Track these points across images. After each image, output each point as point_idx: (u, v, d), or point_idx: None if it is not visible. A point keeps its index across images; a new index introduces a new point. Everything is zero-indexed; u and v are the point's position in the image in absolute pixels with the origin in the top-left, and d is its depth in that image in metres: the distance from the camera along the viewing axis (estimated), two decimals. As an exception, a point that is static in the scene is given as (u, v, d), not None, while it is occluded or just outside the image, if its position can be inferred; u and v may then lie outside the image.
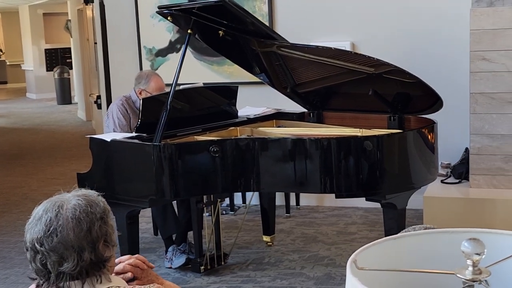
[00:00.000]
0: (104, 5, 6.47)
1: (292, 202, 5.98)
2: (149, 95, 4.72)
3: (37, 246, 1.69)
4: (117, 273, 1.91)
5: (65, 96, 15.52)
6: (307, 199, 6.10)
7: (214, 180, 3.82)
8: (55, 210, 1.70)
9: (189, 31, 4.01)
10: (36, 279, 1.76)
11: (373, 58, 3.97)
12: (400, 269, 0.92)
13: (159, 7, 4.11)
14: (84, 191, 1.78)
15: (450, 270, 0.96)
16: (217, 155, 3.78)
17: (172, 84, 3.96)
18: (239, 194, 6.06)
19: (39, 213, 1.72)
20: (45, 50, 17.02)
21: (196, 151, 3.85)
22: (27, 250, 1.73)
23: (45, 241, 1.68)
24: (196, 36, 4.33)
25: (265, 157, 3.78)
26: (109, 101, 6.55)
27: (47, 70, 16.82)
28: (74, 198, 1.74)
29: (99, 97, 6.82)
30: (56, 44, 17.09)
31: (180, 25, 4.28)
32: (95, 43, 7.03)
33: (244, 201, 6.16)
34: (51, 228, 1.69)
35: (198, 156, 3.82)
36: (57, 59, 17.02)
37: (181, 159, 3.80)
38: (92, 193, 1.78)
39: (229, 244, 4.99)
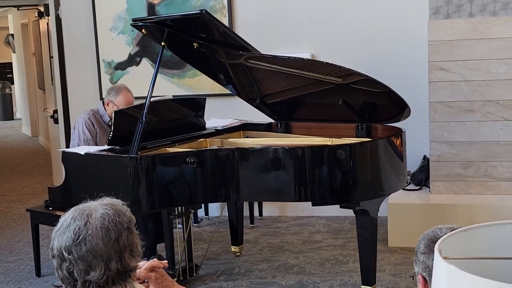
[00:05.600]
0: (60, 19, 6.41)
1: (255, 212, 6.03)
2: (115, 108, 4.72)
3: (65, 254, 1.69)
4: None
5: (7, 112, 15.20)
6: (270, 210, 6.16)
7: (194, 191, 3.84)
8: (84, 218, 1.70)
9: (162, 43, 4.03)
10: (61, 286, 1.76)
11: (345, 68, 4.07)
12: (486, 257, 0.98)
13: (134, 20, 4.12)
14: (109, 200, 1.78)
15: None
16: (194, 165, 3.80)
17: (147, 96, 3.97)
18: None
19: (67, 221, 1.72)
20: (-16, 65, 16.65)
21: (173, 162, 3.87)
22: (53, 257, 1.72)
23: (74, 249, 1.68)
24: (166, 47, 4.34)
25: (245, 167, 3.82)
26: (66, 116, 6.48)
27: (-14, 86, 16.41)
28: (101, 207, 1.74)
29: (55, 111, 6.73)
30: (-4, 59, 16.73)
31: (154, 38, 4.29)
32: (51, 57, 6.94)
33: (206, 213, 6.18)
34: (80, 237, 1.69)
35: (175, 168, 3.84)
36: (-4, 74, 16.65)
37: (158, 171, 3.81)
38: (117, 202, 1.78)
39: (197, 255, 5.00)
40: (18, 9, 11.18)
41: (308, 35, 5.92)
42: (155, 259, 2.07)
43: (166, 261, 2.11)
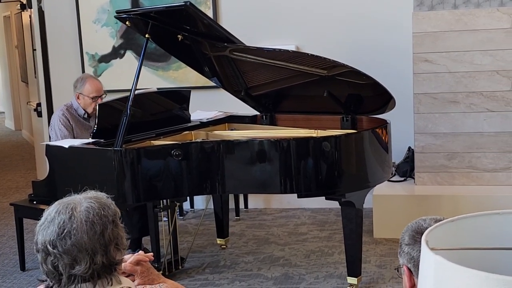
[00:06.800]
0: (43, 11, 6.35)
1: (240, 205, 6.02)
2: (86, 98, 4.73)
3: (50, 248, 1.68)
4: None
5: (-11, 106, 15.07)
6: (255, 202, 6.16)
7: (179, 184, 3.83)
8: (69, 212, 1.69)
9: (146, 35, 4.01)
10: (45, 281, 1.74)
11: (330, 59, 4.07)
12: (474, 247, 0.98)
13: (117, 12, 4.09)
14: (94, 193, 1.76)
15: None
16: (179, 158, 3.79)
17: (132, 88, 3.95)
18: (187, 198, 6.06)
19: (51, 215, 1.70)
20: (-34, 58, 16.45)
21: (158, 155, 3.85)
22: (37, 251, 1.71)
23: (59, 243, 1.67)
24: (151, 40, 4.32)
25: (231, 160, 3.82)
26: (50, 109, 6.43)
27: (-32, 79, 16.25)
28: (85, 200, 1.72)
29: (39, 104, 6.68)
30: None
31: (138, 30, 4.27)
32: (34, 49, 6.88)
33: (192, 205, 6.17)
34: (65, 231, 1.67)
35: (160, 160, 3.82)
36: (-21, 67, 16.46)
37: (143, 164, 3.80)
38: (102, 195, 1.77)
39: (182, 248, 4.99)
40: (0, 2, 11.07)
41: (293, 27, 5.91)
42: (141, 252, 2.06)
43: (151, 253, 2.10)
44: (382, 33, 5.70)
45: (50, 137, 4.89)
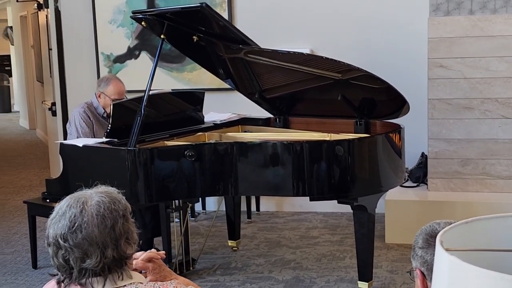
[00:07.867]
0: (59, 11, 6.39)
1: (252, 207, 6.02)
2: (107, 98, 4.72)
3: (61, 241, 1.68)
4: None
5: (5, 104, 15.17)
6: (267, 205, 6.15)
7: (192, 185, 3.83)
8: (80, 206, 1.70)
9: (162, 36, 4.02)
10: (56, 275, 1.75)
11: (344, 63, 4.06)
12: (488, 249, 0.98)
13: (133, 12, 4.11)
14: (104, 188, 1.78)
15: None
16: (192, 159, 3.79)
17: (146, 89, 3.96)
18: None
19: (63, 209, 1.71)
20: (-18, 57, 16.60)
21: (171, 155, 3.86)
22: (49, 245, 1.72)
23: (70, 237, 1.68)
24: (166, 40, 4.33)
25: (244, 161, 3.82)
26: (64, 108, 6.47)
27: (-16, 78, 16.36)
28: (96, 194, 1.73)
29: (54, 104, 6.72)
30: (-6, 52, 16.68)
31: (154, 31, 4.28)
32: (50, 49, 6.92)
33: (204, 207, 6.17)
34: (76, 224, 1.68)
35: (173, 161, 3.83)
36: (-5, 66, 16.61)
37: (156, 164, 3.81)
38: (112, 190, 1.78)
39: (194, 249, 4.99)
40: (17, 1, 11.14)
41: (308, 30, 5.91)
42: (153, 250, 2.07)
43: (163, 251, 2.10)
44: (397, 38, 5.69)
45: (67, 133, 4.90)
